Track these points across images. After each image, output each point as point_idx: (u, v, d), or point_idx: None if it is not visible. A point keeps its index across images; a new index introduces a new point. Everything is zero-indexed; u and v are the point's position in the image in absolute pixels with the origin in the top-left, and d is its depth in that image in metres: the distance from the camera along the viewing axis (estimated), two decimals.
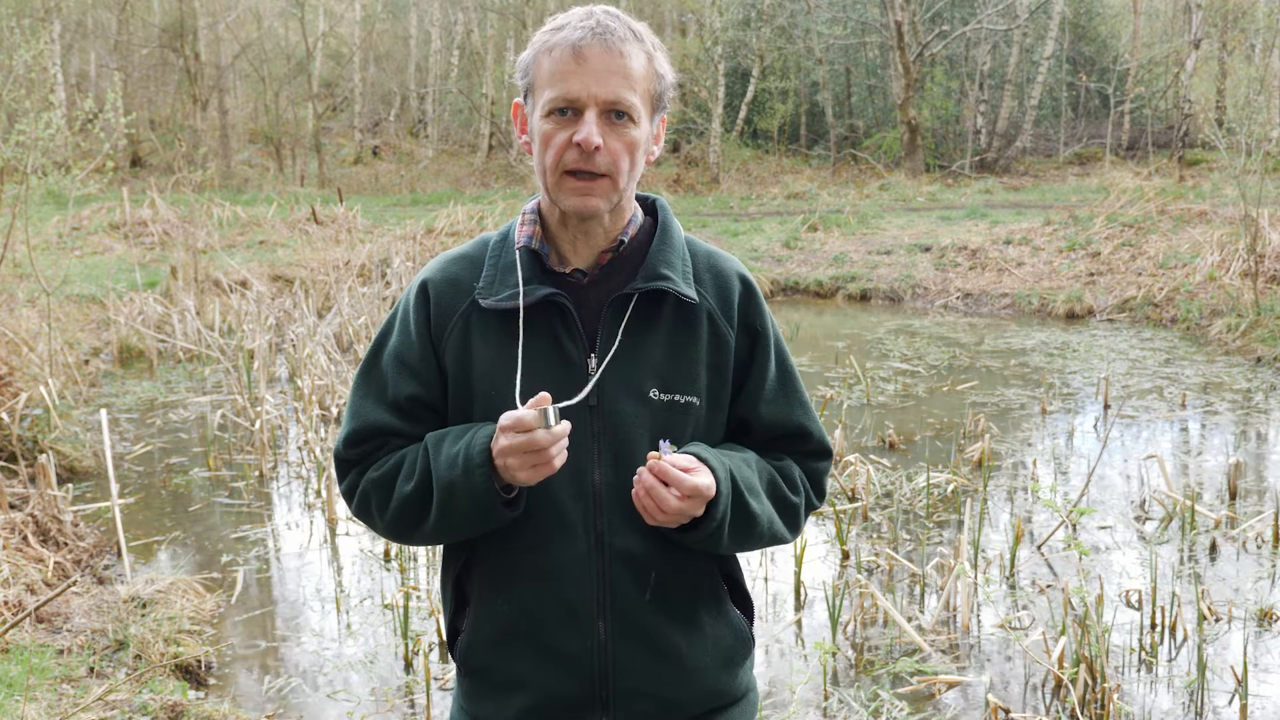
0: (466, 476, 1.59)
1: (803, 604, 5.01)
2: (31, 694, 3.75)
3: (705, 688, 1.74)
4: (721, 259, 1.77)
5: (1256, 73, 15.70)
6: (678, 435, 1.68)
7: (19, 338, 8.49)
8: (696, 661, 1.72)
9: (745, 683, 1.81)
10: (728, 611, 1.77)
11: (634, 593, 1.67)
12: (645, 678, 1.70)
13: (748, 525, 1.67)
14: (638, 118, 1.62)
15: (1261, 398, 8.68)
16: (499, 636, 1.70)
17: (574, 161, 1.60)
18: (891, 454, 7.23)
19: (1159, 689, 4.23)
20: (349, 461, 1.73)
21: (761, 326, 1.76)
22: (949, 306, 13.85)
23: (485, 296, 1.67)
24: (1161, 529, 5.85)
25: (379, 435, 1.71)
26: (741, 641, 1.78)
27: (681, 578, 1.70)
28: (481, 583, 1.72)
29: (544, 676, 1.69)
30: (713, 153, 25.26)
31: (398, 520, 1.69)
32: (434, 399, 1.71)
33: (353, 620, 4.92)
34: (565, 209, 1.64)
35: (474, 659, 1.73)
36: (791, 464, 1.78)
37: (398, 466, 1.68)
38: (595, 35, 1.58)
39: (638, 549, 1.66)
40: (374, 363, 1.74)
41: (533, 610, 1.68)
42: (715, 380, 1.72)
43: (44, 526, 5.44)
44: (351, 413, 1.73)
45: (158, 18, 28.42)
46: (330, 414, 8.19)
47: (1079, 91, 28.02)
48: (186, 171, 21.48)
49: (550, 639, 1.68)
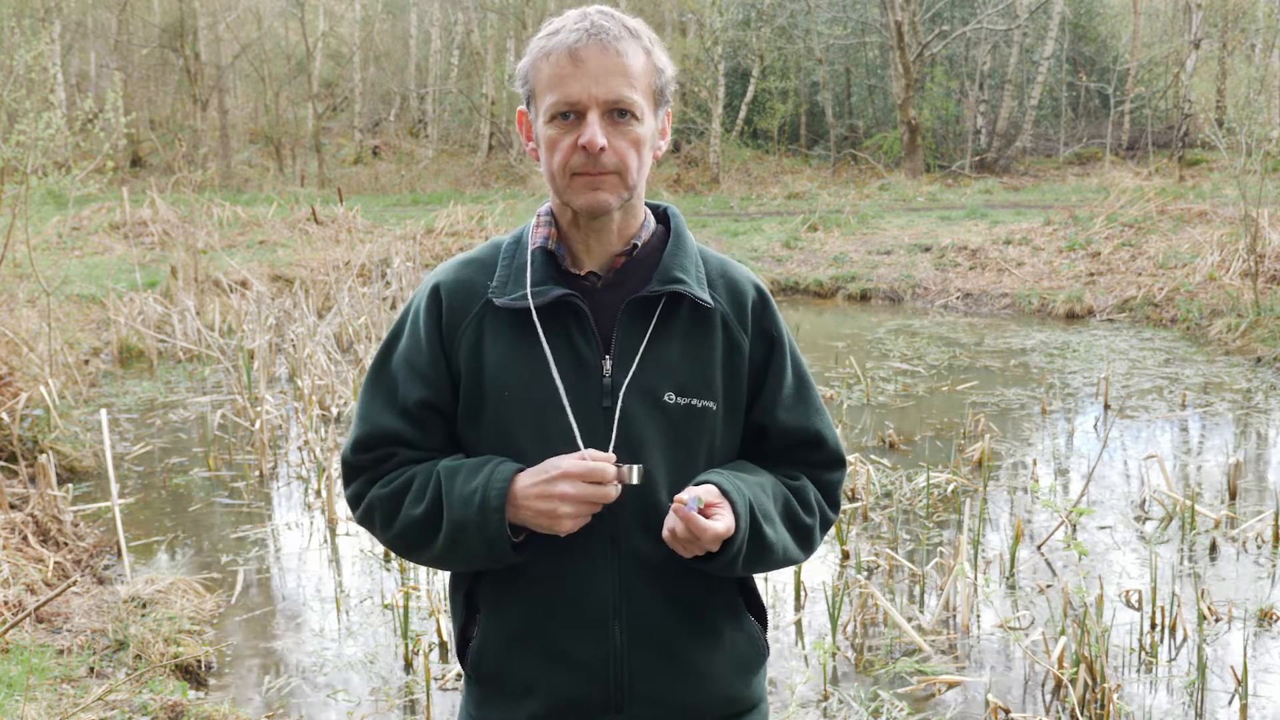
0: (481, 518, 1.58)
1: (803, 604, 5.01)
2: (31, 694, 3.75)
3: (720, 695, 1.73)
4: (734, 267, 1.77)
5: (1256, 73, 15.71)
6: (694, 440, 1.67)
7: (19, 338, 8.49)
8: (712, 668, 1.71)
9: (759, 692, 1.80)
10: (744, 619, 1.76)
11: (649, 597, 1.66)
12: (660, 683, 1.68)
13: (763, 553, 1.66)
14: (641, 114, 1.60)
15: (1261, 398, 8.68)
16: (511, 642, 1.68)
17: (581, 164, 1.58)
18: (891, 454, 7.23)
19: (1159, 689, 4.23)
20: (357, 467, 1.71)
21: (777, 333, 1.75)
22: (949, 306, 13.85)
23: (499, 296, 1.65)
24: (1161, 529, 5.85)
25: (388, 443, 1.69)
26: (757, 650, 1.77)
27: (698, 584, 1.68)
28: (493, 589, 1.70)
29: (557, 682, 1.67)
30: (713, 153, 25.26)
31: (401, 539, 1.68)
32: (443, 404, 1.69)
33: (353, 620, 4.92)
34: (577, 208, 1.62)
35: (485, 665, 1.71)
36: (807, 484, 1.77)
37: (406, 486, 1.66)
38: (590, 36, 1.57)
39: (653, 553, 1.64)
40: (383, 366, 1.73)
41: (546, 615, 1.66)
42: (731, 385, 1.70)
43: (44, 526, 5.44)
44: (360, 416, 1.72)
45: (158, 18, 28.41)
46: (330, 414, 8.19)
47: (1079, 91, 28.02)
48: (186, 171, 21.48)
49: (563, 644, 1.66)
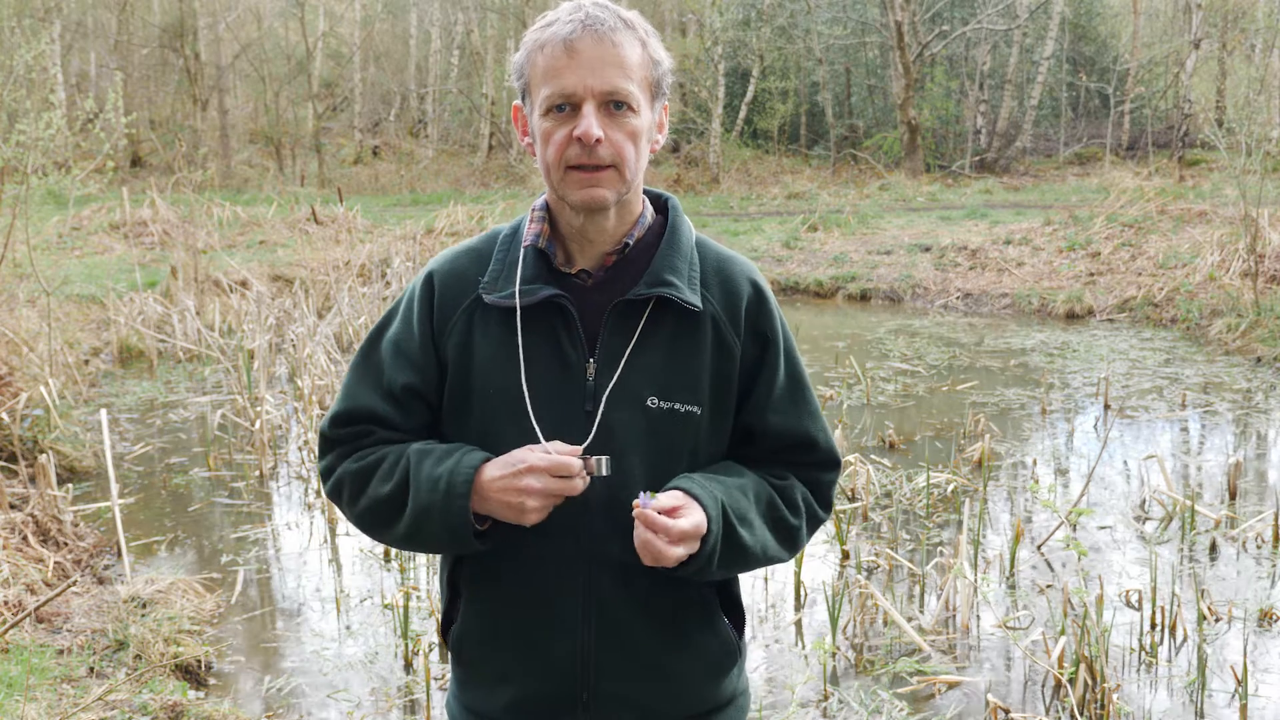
0: (446, 502, 1.58)
1: (802, 604, 5.01)
2: (31, 694, 3.75)
3: (688, 697, 1.73)
4: (732, 263, 1.73)
5: (1256, 73, 15.72)
6: (676, 444, 1.65)
7: (19, 338, 8.49)
8: (680, 671, 1.71)
9: (732, 689, 1.79)
10: (716, 622, 1.74)
11: (620, 599, 1.66)
12: (627, 684, 1.68)
13: (738, 555, 1.65)
14: (637, 106, 1.59)
15: (1261, 398, 8.68)
16: (487, 631, 1.71)
17: (577, 157, 1.57)
18: (891, 454, 7.23)
19: (1159, 689, 4.23)
20: (333, 440, 1.72)
21: (771, 333, 1.72)
22: (949, 306, 13.84)
23: (489, 292, 1.65)
24: (1161, 529, 5.85)
25: (367, 420, 1.69)
26: (728, 653, 1.76)
27: (669, 587, 1.67)
28: (471, 578, 1.72)
29: (528, 674, 1.69)
30: (713, 153, 25.26)
31: (367, 517, 1.69)
32: (428, 391, 1.69)
33: (353, 620, 4.92)
34: (573, 204, 1.61)
35: (465, 650, 1.74)
36: (795, 483, 1.74)
37: (377, 464, 1.67)
38: (585, 27, 1.56)
39: (626, 556, 1.62)
40: (372, 348, 1.73)
41: (519, 609, 1.68)
42: (720, 389, 1.68)
43: (44, 526, 5.44)
44: (344, 393, 1.73)
45: (158, 18, 28.41)
46: None
47: (1079, 91, 28.02)
48: (186, 171, 21.45)
49: (535, 639, 1.67)
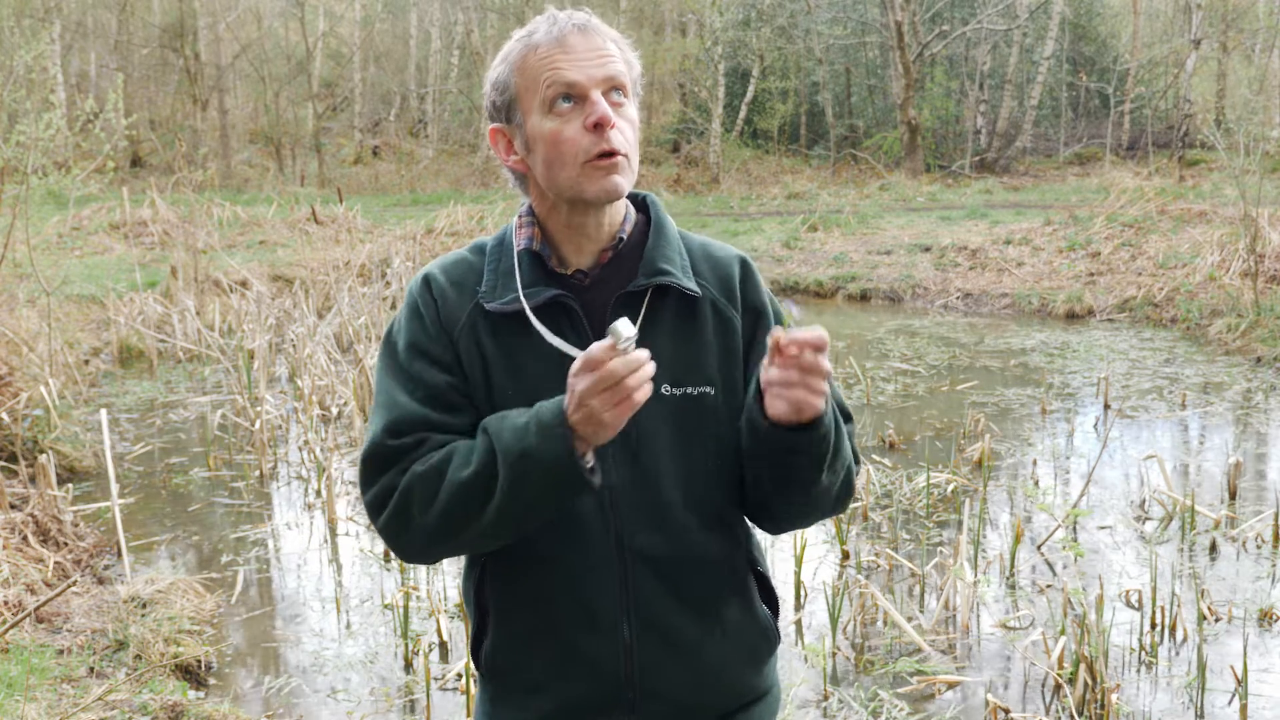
0: (542, 439, 1.48)
1: (803, 604, 5.01)
2: (31, 694, 3.75)
3: (731, 686, 1.73)
4: (716, 247, 1.77)
5: (1256, 73, 15.74)
6: (695, 427, 1.66)
7: (19, 338, 8.49)
8: (722, 660, 1.70)
9: (769, 680, 1.79)
10: (755, 607, 1.75)
11: (656, 593, 1.65)
12: (671, 679, 1.67)
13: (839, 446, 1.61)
14: (630, 96, 1.64)
15: (1261, 398, 8.68)
16: (521, 641, 1.68)
17: (592, 147, 1.57)
18: (891, 454, 7.23)
19: (1159, 689, 4.23)
20: (394, 452, 1.58)
21: (761, 305, 1.77)
22: (949, 306, 13.85)
23: (490, 300, 1.64)
24: (1161, 529, 5.85)
25: (420, 427, 1.59)
26: (767, 639, 1.76)
27: (706, 574, 1.68)
28: (500, 592, 1.68)
29: (566, 680, 1.66)
30: (713, 153, 25.26)
31: (447, 514, 1.54)
32: (461, 385, 1.64)
33: (353, 620, 4.92)
34: (592, 196, 1.60)
35: (496, 664, 1.70)
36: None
37: (449, 457, 1.56)
38: (571, 25, 1.60)
39: (659, 548, 1.62)
40: (393, 360, 1.67)
41: (554, 614, 1.65)
42: (728, 366, 1.69)
43: (44, 526, 5.44)
44: (385, 407, 1.62)
45: (158, 18, 28.41)
46: (330, 414, 8.19)
47: (1079, 91, 28.02)
48: (186, 171, 21.46)
49: (572, 643, 1.65)
